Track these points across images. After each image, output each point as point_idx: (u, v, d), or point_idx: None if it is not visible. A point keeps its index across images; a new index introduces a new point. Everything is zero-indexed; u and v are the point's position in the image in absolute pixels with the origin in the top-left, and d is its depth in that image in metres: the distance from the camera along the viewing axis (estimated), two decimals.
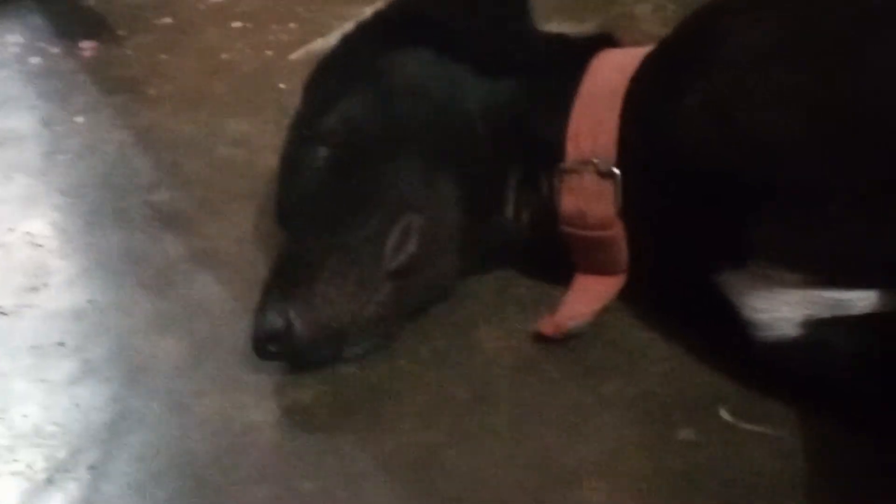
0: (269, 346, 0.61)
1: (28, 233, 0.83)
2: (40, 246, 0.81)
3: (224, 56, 1.16)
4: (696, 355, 0.66)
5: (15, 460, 0.58)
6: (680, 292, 0.67)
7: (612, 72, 0.69)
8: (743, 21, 0.65)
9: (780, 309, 0.60)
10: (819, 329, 0.59)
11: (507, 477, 0.56)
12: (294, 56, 1.15)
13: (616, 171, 0.66)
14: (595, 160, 0.67)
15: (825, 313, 0.59)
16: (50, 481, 0.56)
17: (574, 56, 0.72)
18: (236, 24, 1.23)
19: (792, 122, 0.59)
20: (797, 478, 0.56)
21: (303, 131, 0.73)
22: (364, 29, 0.77)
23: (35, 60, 1.16)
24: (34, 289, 0.75)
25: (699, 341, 0.67)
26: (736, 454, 0.58)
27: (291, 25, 1.21)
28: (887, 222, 0.56)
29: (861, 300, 0.58)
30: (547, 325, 0.66)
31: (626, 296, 0.69)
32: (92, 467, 0.56)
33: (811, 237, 0.59)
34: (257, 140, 0.95)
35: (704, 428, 0.60)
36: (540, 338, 0.67)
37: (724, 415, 0.60)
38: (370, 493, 0.55)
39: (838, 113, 0.58)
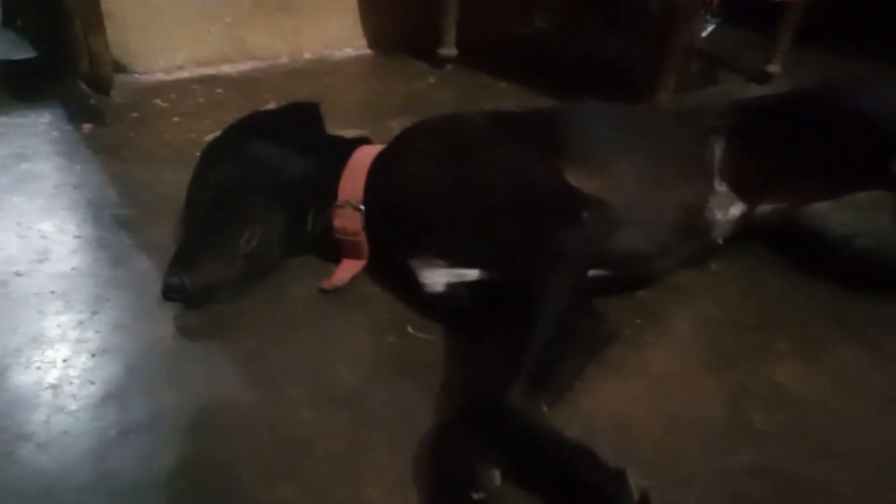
0: (171, 294, 0.90)
1: (40, 230, 1.13)
2: (46, 238, 1.11)
3: (167, 136, 1.48)
4: (398, 300, 0.99)
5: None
6: (391, 268, 0.99)
7: (364, 156, 1.03)
8: (417, 133, 1.03)
9: (436, 278, 0.94)
10: (454, 287, 0.93)
11: (284, 360, 0.88)
12: (206, 138, 1.34)
13: (362, 207, 0.99)
14: (352, 201, 1.00)
15: (456, 280, 0.93)
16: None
17: (347, 147, 1.05)
18: (175, 119, 1.57)
19: (428, 186, 0.94)
20: (450, 365, 0.87)
21: (198, 180, 1.04)
22: (232, 128, 1.09)
23: (55, 133, 1.47)
24: (39, 261, 1.05)
25: (399, 293, 0.99)
26: (416, 352, 0.90)
27: (207, 121, 1.53)
28: (478, 236, 0.90)
29: (471, 274, 0.92)
30: (326, 284, 1.00)
31: (367, 269, 1.03)
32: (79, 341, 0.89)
33: (446, 241, 0.92)
34: (181, 183, 1.17)
35: (401, 338, 0.92)
36: (323, 290, 1.00)
37: (410, 329, 0.94)
38: (218, 367, 0.88)
39: (453, 185, 0.93)
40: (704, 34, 2.26)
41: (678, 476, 0.75)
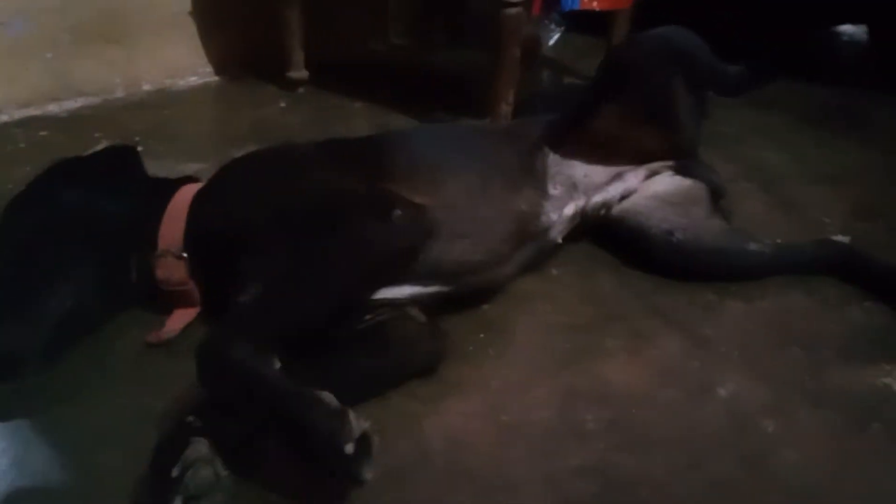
0: None
1: None
2: None
3: None
4: None
5: None
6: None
7: (185, 196, 0.98)
8: (235, 166, 1.03)
9: None
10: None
11: (100, 425, 0.84)
12: None
13: (184, 254, 0.95)
14: (172, 249, 0.95)
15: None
16: None
17: (169, 189, 1.00)
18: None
19: (246, 217, 0.92)
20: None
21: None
22: (39, 179, 1.00)
23: None
24: None
25: None
26: None
27: (28, 167, 1.23)
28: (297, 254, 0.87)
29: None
30: (152, 337, 0.95)
31: (202, 316, 0.99)
32: None
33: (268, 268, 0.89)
34: None
35: None
36: (150, 344, 0.95)
37: None
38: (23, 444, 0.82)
39: (271, 212, 0.91)
40: (551, 42, 2.36)
41: (507, 485, 0.77)
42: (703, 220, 1.17)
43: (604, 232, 1.21)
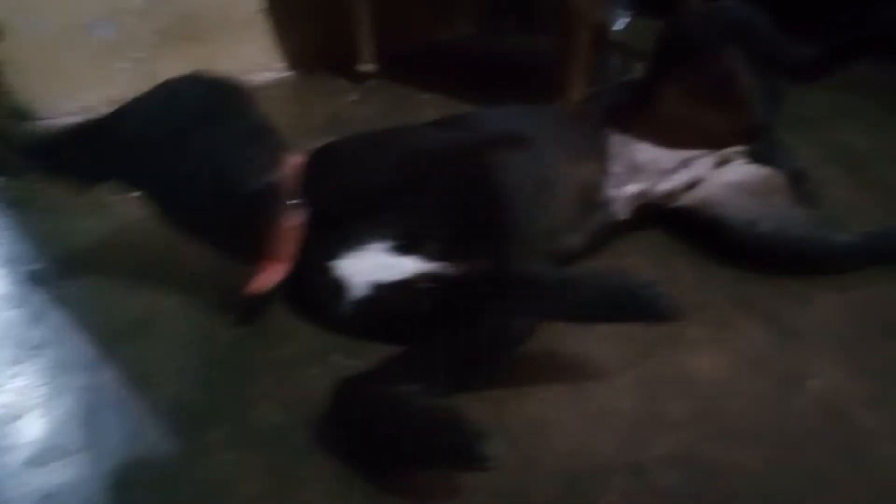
0: None
1: None
2: None
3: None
4: (319, 330, 0.99)
5: None
6: (310, 276, 0.96)
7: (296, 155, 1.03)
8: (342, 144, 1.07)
9: (364, 276, 0.93)
10: (378, 290, 0.93)
11: (204, 405, 0.89)
12: None
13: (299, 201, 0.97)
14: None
15: (386, 276, 0.93)
16: None
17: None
18: None
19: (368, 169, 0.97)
20: None
21: None
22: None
23: None
24: None
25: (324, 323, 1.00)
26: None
27: None
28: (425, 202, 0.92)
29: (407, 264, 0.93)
30: (252, 287, 0.96)
31: (285, 299, 1.03)
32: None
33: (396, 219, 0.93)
34: (97, 232, 1.27)
35: (325, 368, 0.93)
36: (245, 297, 0.97)
37: (337, 357, 0.94)
38: (137, 420, 0.87)
39: (376, 175, 0.95)
40: (619, 27, 2.32)
41: (593, 472, 0.77)
42: (786, 208, 1.12)
43: (679, 221, 1.19)
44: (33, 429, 0.85)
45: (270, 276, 0.97)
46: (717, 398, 0.88)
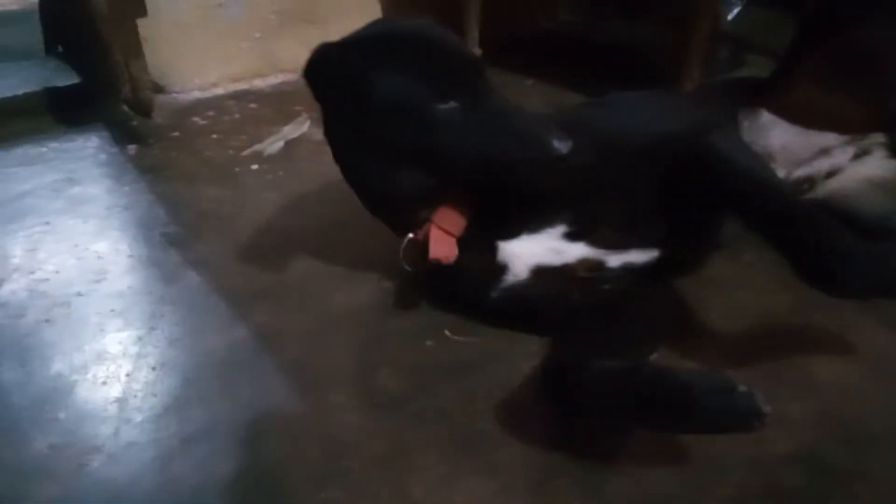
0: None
1: (96, 251, 1.20)
2: (102, 259, 1.18)
3: (206, 153, 1.55)
4: (433, 308, 1.02)
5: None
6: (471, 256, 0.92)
7: None
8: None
9: (527, 260, 0.91)
10: (539, 274, 0.91)
11: (328, 368, 0.93)
12: (244, 153, 1.54)
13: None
14: None
15: (549, 260, 0.91)
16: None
17: None
18: (214, 136, 1.64)
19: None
20: (487, 364, 0.91)
21: None
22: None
23: (102, 155, 1.55)
24: (97, 281, 1.12)
25: (432, 301, 1.02)
26: (453, 355, 0.93)
27: (243, 137, 1.61)
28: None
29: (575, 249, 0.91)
30: (437, 253, 0.90)
31: (405, 278, 1.03)
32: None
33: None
34: (224, 200, 1.34)
35: (439, 342, 0.96)
36: (432, 263, 0.91)
37: (447, 333, 0.97)
38: (266, 376, 0.93)
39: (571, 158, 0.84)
40: (730, 17, 2.23)
41: (714, 467, 0.76)
42: None
43: None
44: (170, 379, 0.91)
45: (449, 248, 0.92)
46: (839, 401, 0.85)
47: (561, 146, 0.82)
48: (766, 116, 1.11)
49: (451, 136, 0.85)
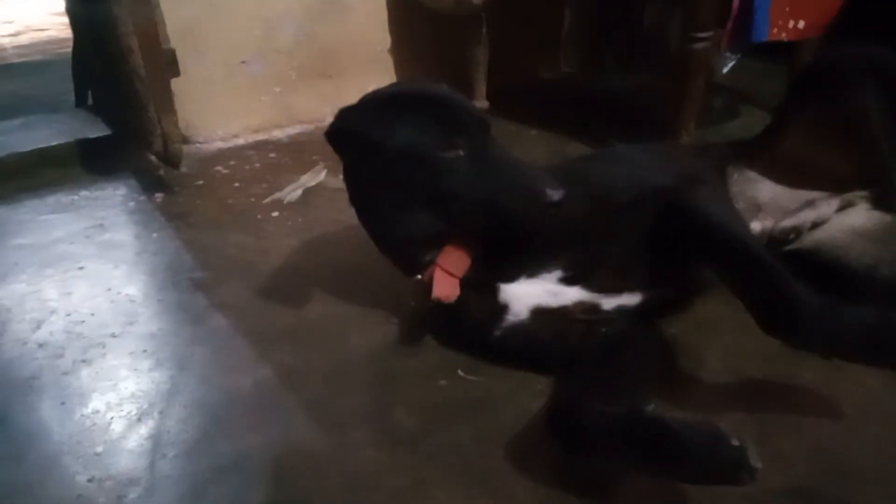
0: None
1: (127, 295, 1.26)
2: (133, 302, 1.24)
3: (229, 201, 1.63)
4: (446, 347, 1.07)
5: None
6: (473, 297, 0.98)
7: None
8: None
9: (526, 300, 0.98)
10: (537, 315, 0.98)
11: (348, 406, 0.98)
12: (265, 201, 1.61)
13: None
14: None
15: (548, 302, 0.98)
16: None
17: None
18: (236, 184, 1.72)
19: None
20: (497, 402, 0.96)
21: None
22: None
23: (131, 203, 1.63)
24: (130, 324, 1.18)
25: (452, 339, 1.07)
26: (466, 393, 0.98)
27: (264, 185, 1.69)
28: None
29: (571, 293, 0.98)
30: (439, 293, 0.96)
31: (419, 318, 1.11)
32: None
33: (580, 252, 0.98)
34: (246, 245, 1.41)
35: (452, 381, 1.01)
36: (434, 303, 0.97)
37: (460, 372, 1.02)
38: (291, 413, 0.98)
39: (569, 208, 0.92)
40: (725, 70, 2.33)
41: (709, 501, 0.80)
42: None
43: (794, 262, 1.20)
44: (200, 416, 0.96)
45: (451, 288, 0.98)
46: (830, 439, 0.89)
47: (553, 194, 0.89)
48: (752, 170, 1.18)
49: (455, 182, 0.95)
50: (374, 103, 1.00)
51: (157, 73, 1.44)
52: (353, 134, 0.98)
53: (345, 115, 1.00)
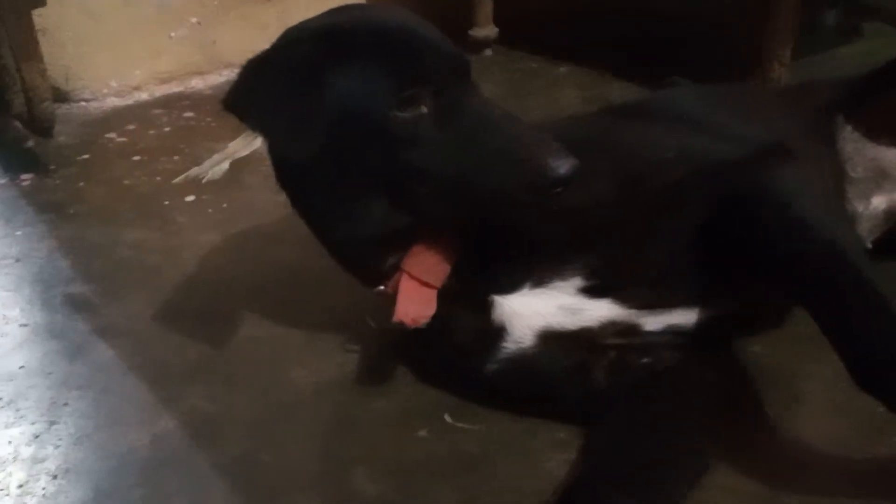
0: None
1: None
2: None
3: (125, 182, 1.63)
4: (430, 381, 1.07)
5: None
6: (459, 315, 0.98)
7: None
8: None
9: (533, 321, 0.96)
10: (544, 340, 0.97)
11: (285, 466, 0.97)
12: (176, 181, 1.60)
13: None
14: None
15: (560, 323, 0.96)
16: None
17: None
18: (135, 158, 1.72)
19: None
20: (496, 455, 0.95)
21: None
22: None
23: None
24: None
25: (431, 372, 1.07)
26: (454, 447, 0.97)
27: (175, 157, 1.69)
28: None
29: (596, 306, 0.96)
30: (403, 318, 0.95)
31: (396, 342, 1.10)
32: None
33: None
34: (148, 245, 1.40)
35: (436, 430, 1.00)
36: (398, 327, 0.95)
37: (448, 418, 1.01)
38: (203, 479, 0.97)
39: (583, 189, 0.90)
40: None
41: None
42: None
43: None
44: (76, 490, 0.95)
45: (423, 303, 0.97)
46: None
47: (560, 166, 0.84)
48: (872, 123, 1.17)
49: (417, 154, 0.90)
50: (298, 44, 0.96)
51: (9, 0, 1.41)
52: (268, 94, 0.94)
53: (255, 67, 0.96)
